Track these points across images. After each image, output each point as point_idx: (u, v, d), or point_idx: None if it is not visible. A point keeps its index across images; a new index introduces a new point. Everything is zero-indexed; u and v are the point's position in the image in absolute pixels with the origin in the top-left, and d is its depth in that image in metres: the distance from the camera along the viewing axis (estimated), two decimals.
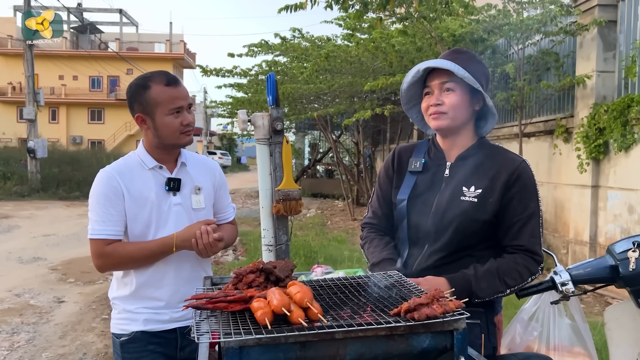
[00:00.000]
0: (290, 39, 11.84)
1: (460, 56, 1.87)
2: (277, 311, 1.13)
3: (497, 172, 1.81)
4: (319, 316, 1.13)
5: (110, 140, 41.08)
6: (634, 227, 5.96)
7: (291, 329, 1.10)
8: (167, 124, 1.98)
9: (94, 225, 2.00)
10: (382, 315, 1.19)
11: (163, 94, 1.97)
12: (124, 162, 2.09)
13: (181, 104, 1.99)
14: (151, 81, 2.00)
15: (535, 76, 7.83)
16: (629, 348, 1.95)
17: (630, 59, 6.21)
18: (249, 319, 1.20)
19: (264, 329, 1.10)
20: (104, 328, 5.26)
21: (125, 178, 2.01)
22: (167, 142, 2.02)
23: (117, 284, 2.13)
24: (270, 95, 1.68)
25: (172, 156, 2.09)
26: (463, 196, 1.81)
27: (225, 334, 1.08)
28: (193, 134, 2.05)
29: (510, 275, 1.74)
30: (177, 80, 2.04)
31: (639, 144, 5.83)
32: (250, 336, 1.06)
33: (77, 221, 13.55)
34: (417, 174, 1.93)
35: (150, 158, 2.06)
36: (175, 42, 44.53)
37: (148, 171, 2.05)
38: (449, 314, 1.15)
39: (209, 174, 2.17)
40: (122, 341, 2.05)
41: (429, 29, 7.51)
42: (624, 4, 6.43)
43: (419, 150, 2.00)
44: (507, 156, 1.87)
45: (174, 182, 2.05)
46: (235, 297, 1.23)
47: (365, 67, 9.53)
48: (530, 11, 7.57)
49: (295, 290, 1.18)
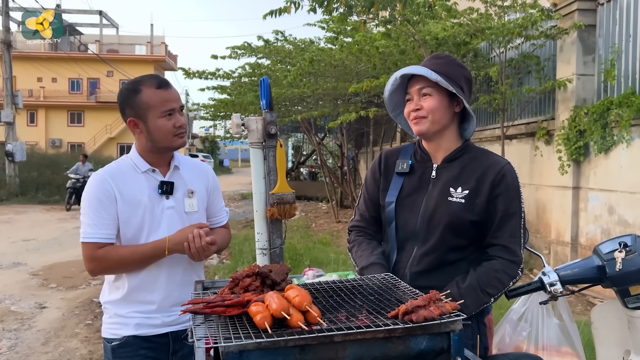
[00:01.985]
0: (274, 41, 11.83)
1: (438, 61, 1.92)
2: (277, 315, 1.13)
3: (483, 173, 1.84)
4: (318, 319, 1.14)
5: (90, 143, 40.57)
6: (614, 227, 6.07)
7: (290, 333, 1.11)
8: (159, 127, 1.98)
9: (86, 229, 1.99)
10: (379, 318, 1.20)
11: (155, 97, 1.97)
12: (117, 165, 2.09)
13: (173, 106, 1.99)
14: (142, 85, 1.99)
15: (517, 79, 7.94)
16: (615, 347, 1.99)
17: (609, 63, 6.33)
18: (247, 323, 1.20)
19: (263, 333, 1.10)
20: (88, 334, 5.20)
21: (118, 181, 2.01)
22: (160, 145, 2.02)
23: (108, 288, 2.11)
24: (264, 99, 1.68)
25: (165, 159, 2.09)
26: (450, 197, 1.84)
27: (225, 338, 1.08)
28: (185, 136, 2.05)
29: (491, 284, 1.76)
30: (167, 82, 2.04)
31: (619, 146, 5.94)
32: (250, 340, 1.06)
33: (58, 225, 13.37)
34: (404, 176, 1.96)
35: (143, 161, 2.06)
36: (157, 44, 44.22)
37: (141, 174, 2.05)
38: (446, 315, 1.17)
39: (202, 178, 2.17)
40: (114, 346, 2.04)
41: (413, 32, 7.57)
42: (602, 8, 6.55)
43: (405, 153, 2.03)
44: (492, 158, 1.91)
45: (166, 185, 2.04)
46: (233, 302, 1.23)
47: (349, 70, 9.56)
48: (511, 15, 7.68)
49: (293, 294, 1.19)
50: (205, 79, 11.44)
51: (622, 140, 5.85)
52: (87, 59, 39.05)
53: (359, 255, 1.96)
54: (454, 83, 1.86)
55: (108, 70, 39.86)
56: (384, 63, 8.97)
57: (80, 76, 41.29)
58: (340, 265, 6.66)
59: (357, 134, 15.17)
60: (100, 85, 41.99)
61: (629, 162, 5.80)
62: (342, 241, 9.82)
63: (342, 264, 6.66)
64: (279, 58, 10.94)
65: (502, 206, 1.81)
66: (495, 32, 7.21)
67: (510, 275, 1.78)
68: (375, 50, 8.35)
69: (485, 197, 1.81)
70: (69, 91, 42.52)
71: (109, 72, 40.28)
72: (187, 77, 10.84)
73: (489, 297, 1.76)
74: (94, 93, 42.21)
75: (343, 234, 10.98)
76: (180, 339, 2.08)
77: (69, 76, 41.33)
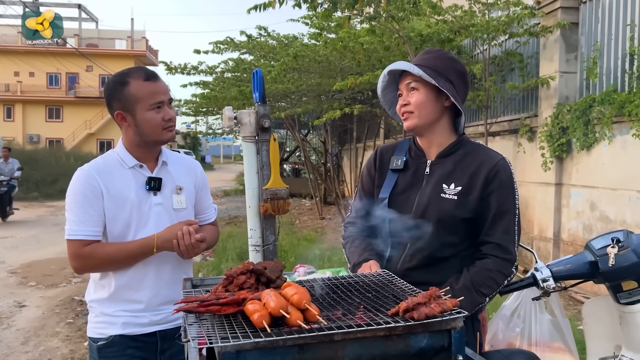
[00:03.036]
0: (257, 37, 11.73)
1: (427, 56, 1.91)
2: (275, 313, 1.10)
3: (477, 169, 1.82)
4: (318, 318, 1.11)
5: (69, 139, 39.94)
6: (595, 223, 6.14)
7: (289, 332, 1.07)
8: (148, 120, 1.93)
9: (72, 226, 1.93)
10: (379, 315, 1.17)
11: (143, 89, 1.92)
12: (103, 160, 2.02)
13: (162, 99, 1.94)
14: (129, 77, 1.93)
15: (500, 76, 7.99)
16: (605, 341, 2.00)
17: (591, 61, 6.39)
18: (242, 322, 1.17)
19: (261, 332, 1.07)
20: (69, 332, 5.10)
21: (105, 177, 1.95)
22: (148, 138, 1.96)
23: (94, 287, 2.06)
24: (257, 92, 1.65)
25: (152, 154, 2.04)
26: (443, 193, 1.82)
27: (222, 338, 1.04)
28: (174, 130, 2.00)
29: (485, 284, 1.75)
30: (155, 75, 1.98)
31: (600, 143, 6.01)
32: (248, 340, 1.03)
33: (36, 222, 13.13)
34: (398, 172, 1.94)
35: (130, 157, 2.00)
36: (137, 39, 43.62)
37: (128, 170, 1.99)
38: (447, 313, 1.15)
39: (190, 174, 2.12)
40: (100, 345, 1.98)
41: (397, 29, 7.56)
42: (585, 6, 6.61)
43: (400, 149, 2.01)
44: (486, 153, 1.90)
45: (154, 181, 1.99)
46: (228, 300, 1.19)
47: (333, 66, 9.52)
48: (494, 12, 7.72)
49: (292, 292, 1.16)
50: (188, 74, 11.30)
51: (604, 138, 5.91)
52: (66, 53, 38.38)
53: (352, 252, 1.93)
54: (442, 77, 1.83)
55: (87, 65, 39.24)
56: (368, 60, 8.96)
57: (58, 71, 40.57)
58: (325, 261, 6.64)
59: (341, 130, 15.16)
60: (80, 80, 41.33)
61: (611, 158, 5.87)
62: (326, 238, 9.80)
63: (328, 261, 6.64)
64: (263, 53, 10.85)
65: (496, 203, 1.79)
66: (479, 29, 7.24)
67: (505, 274, 1.77)
68: (360, 47, 8.33)
69: (478, 193, 1.79)
70: (47, 86, 41.74)
71: (89, 66, 39.67)
72: (168, 72, 10.68)
73: (484, 297, 1.75)
74: (73, 88, 41.52)
75: (327, 230, 10.97)
76: (168, 338, 2.04)
77: (47, 70, 40.58)
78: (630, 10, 5.84)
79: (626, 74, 5.85)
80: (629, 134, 5.52)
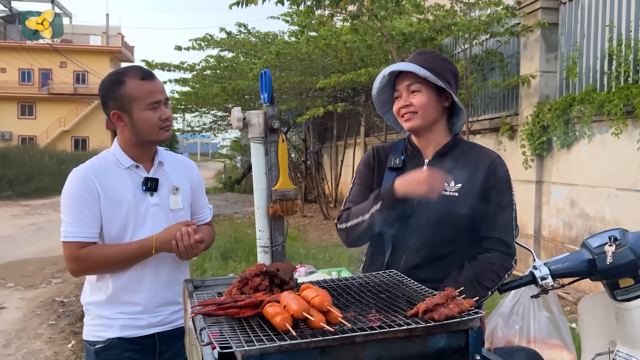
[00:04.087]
0: (236, 34, 11.66)
1: (424, 56, 1.94)
2: (298, 316, 1.10)
3: (475, 167, 1.87)
4: (340, 320, 1.11)
5: (43, 137, 39.11)
6: (575, 220, 6.27)
7: (313, 334, 1.08)
8: (145, 119, 1.91)
9: (68, 228, 1.89)
10: (397, 317, 1.18)
11: (139, 88, 1.89)
12: (98, 161, 1.99)
13: (159, 98, 1.93)
14: (125, 76, 1.91)
15: (481, 75, 8.09)
16: (600, 338, 2.05)
17: (571, 60, 6.51)
18: (258, 324, 1.17)
19: (284, 334, 1.07)
20: (52, 334, 5.01)
21: (101, 178, 1.92)
22: (145, 138, 1.94)
23: (90, 289, 2.02)
24: (265, 92, 1.64)
25: (149, 155, 2.01)
26: (444, 191, 1.84)
27: (247, 341, 1.04)
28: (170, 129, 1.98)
29: (488, 277, 1.79)
30: (152, 74, 1.97)
31: (580, 141, 6.13)
32: (273, 343, 1.03)
33: (11, 222, 12.86)
34: (396, 171, 1.95)
35: (126, 157, 1.97)
36: (113, 35, 42.90)
37: (124, 170, 1.97)
38: (465, 313, 1.16)
39: (186, 174, 2.10)
40: (97, 349, 1.96)
41: (379, 27, 7.59)
42: (564, 7, 6.73)
43: (396, 149, 2.03)
44: (482, 151, 1.95)
45: (151, 182, 1.97)
46: (246, 302, 1.19)
47: (315, 64, 9.52)
48: (475, 12, 7.81)
49: (312, 294, 1.16)
50: (169, 71, 11.19)
51: (583, 136, 6.03)
52: (39, 48, 37.51)
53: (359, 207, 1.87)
54: (442, 78, 1.88)
55: (61, 61, 38.47)
56: (350, 58, 8.99)
57: (31, 66, 39.66)
58: (310, 259, 6.64)
59: (321, 128, 15.17)
60: (53, 77, 40.49)
61: (590, 157, 5.99)
62: (309, 236, 9.80)
63: (312, 259, 6.65)
64: (245, 50, 10.79)
65: (495, 199, 1.84)
66: (461, 28, 7.31)
67: (506, 268, 1.81)
68: (342, 45, 8.34)
69: (478, 190, 1.83)
70: (20, 82, 40.78)
71: (62, 62, 38.91)
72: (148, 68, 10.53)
73: (487, 291, 1.78)
74: (47, 84, 40.66)
75: (310, 228, 10.98)
76: (167, 340, 2.03)
77: (19, 66, 39.65)
78: (609, 11, 5.97)
79: (605, 74, 5.97)
80: (608, 133, 5.64)
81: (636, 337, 1.86)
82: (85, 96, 40.84)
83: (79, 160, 9.85)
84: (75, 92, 40.97)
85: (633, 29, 5.61)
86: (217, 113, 18.02)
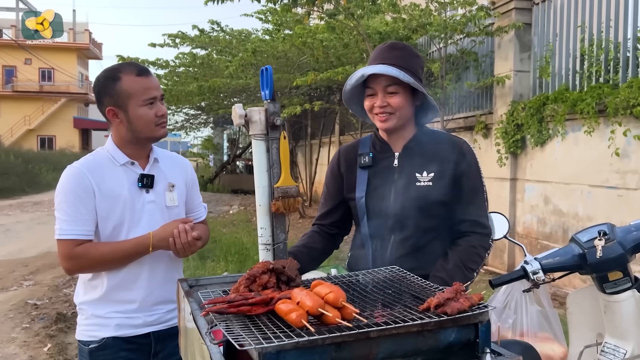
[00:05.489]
0: (209, 31, 11.54)
1: (397, 53, 1.94)
2: (314, 312, 1.09)
3: (444, 154, 1.93)
4: (355, 315, 1.11)
5: (7, 135, 37.96)
6: (549, 216, 6.41)
7: (329, 330, 1.07)
8: (141, 116, 1.89)
9: (63, 225, 1.86)
10: (408, 311, 1.19)
11: (135, 85, 1.88)
12: (93, 158, 1.97)
13: (155, 94, 1.91)
14: (121, 72, 1.90)
15: (456, 74, 8.20)
16: (587, 330, 2.10)
17: (544, 60, 6.65)
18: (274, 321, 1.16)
19: (300, 331, 1.06)
20: (26, 338, 4.88)
21: (96, 175, 1.90)
22: (141, 135, 1.93)
23: (83, 288, 1.99)
24: (267, 89, 1.63)
25: (144, 152, 2.00)
26: (418, 182, 1.90)
27: (264, 338, 1.03)
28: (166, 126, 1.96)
29: (472, 260, 1.87)
30: (147, 70, 1.96)
31: (554, 139, 6.27)
32: (290, 340, 1.02)
33: None
34: (367, 169, 1.99)
35: (121, 154, 1.95)
36: (80, 31, 41.97)
37: (119, 167, 1.95)
38: (475, 307, 1.18)
39: (181, 171, 2.09)
40: (92, 349, 1.93)
41: (355, 26, 7.62)
42: (537, 8, 6.87)
43: (363, 145, 2.06)
44: (448, 138, 2.01)
45: (147, 178, 1.95)
46: (257, 300, 1.18)
47: (291, 62, 9.51)
48: (449, 12, 7.91)
49: (326, 290, 1.15)
50: None
51: (557, 134, 6.17)
52: (3, 44, 36.56)
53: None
54: (416, 77, 1.91)
55: (26, 58, 37.47)
56: (326, 57, 9.00)
57: None
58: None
59: (296, 127, 15.15)
60: (18, 74, 39.40)
61: (564, 154, 6.13)
62: None
63: None
64: (220, 48, 10.70)
65: (468, 183, 1.92)
66: (437, 28, 7.39)
67: (485, 247, 1.91)
68: (319, 44, 8.35)
69: (450, 177, 1.90)
70: None
71: (27, 59, 37.90)
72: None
73: (473, 273, 1.86)
74: (11, 82, 39.54)
75: None
76: (162, 339, 2.00)
77: None
78: (580, 12, 6.12)
79: (577, 74, 6.12)
80: (580, 131, 5.78)
81: (624, 328, 1.91)
82: (52, 94, 39.92)
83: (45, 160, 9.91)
84: (41, 90, 39.99)
85: (604, 30, 5.76)
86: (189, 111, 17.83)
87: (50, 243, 9.85)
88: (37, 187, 20.97)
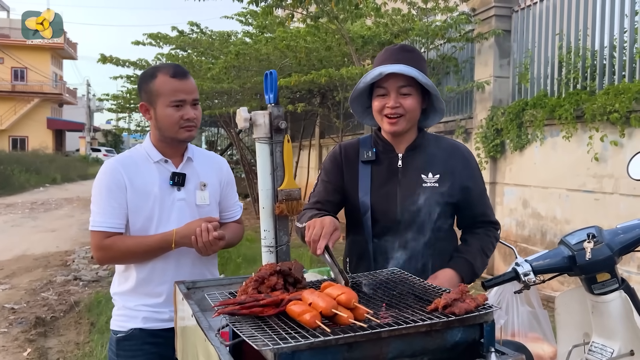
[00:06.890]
0: (189, 32, 11.47)
1: (409, 55, 1.95)
2: (327, 313, 1.12)
3: (448, 157, 1.98)
4: (367, 316, 1.14)
5: None
6: (528, 220, 6.54)
7: (343, 330, 1.10)
8: (166, 116, 1.95)
9: (95, 217, 1.95)
10: (416, 312, 1.22)
11: (166, 85, 1.94)
12: (130, 154, 2.06)
13: (183, 98, 1.95)
14: (159, 71, 1.98)
15: (436, 80, 8.30)
16: (575, 331, 2.15)
17: (523, 67, 6.80)
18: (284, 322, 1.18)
19: (316, 331, 1.08)
20: (5, 343, 4.79)
21: (129, 170, 1.97)
22: (165, 134, 1.99)
23: (118, 279, 2.08)
24: (271, 93, 1.64)
25: (177, 150, 2.05)
26: (424, 183, 1.93)
27: (281, 339, 1.05)
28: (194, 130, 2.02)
29: (488, 247, 2.01)
30: (185, 73, 2.00)
31: (532, 144, 6.41)
32: (306, 340, 1.04)
33: None
34: (370, 164, 1.99)
35: (156, 151, 2.02)
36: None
37: (153, 164, 2.01)
38: (481, 307, 1.21)
39: (215, 171, 2.13)
40: (119, 338, 2.01)
41: (339, 29, 7.66)
42: (517, 15, 7.01)
43: (364, 143, 2.05)
44: (450, 143, 2.08)
45: (178, 176, 2.01)
46: (268, 301, 1.19)
47: (274, 64, 9.50)
48: (430, 17, 8.01)
49: (337, 292, 1.18)
50: (123, 67, 10.88)
51: (535, 139, 6.30)
52: None
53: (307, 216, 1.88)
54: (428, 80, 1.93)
55: None
56: (308, 60, 9.03)
57: None
58: None
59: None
60: None
61: (542, 159, 6.27)
62: None
63: None
64: (201, 50, 10.64)
65: (475, 186, 2.01)
66: (419, 33, 7.48)
67: (497, 239, 2.07)
68: (302, 47, 8.37)
69: (457, 179, 1.95)
70: None
71: (0, 58, 37.11)
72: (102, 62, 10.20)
73: (487, 259, 1.98)
74: None
75: None
76: None
77: None
78: (559, 20, 6.27)
79: (556, 80, 6.26)
80: (559, 136, 5.92)
81: (611, 328, 1.97)
82: (25, 94, 39.14)
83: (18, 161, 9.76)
84: (13, 90, 39.16)
85: (582, 38, 5.92)
86: None
87: (26, 246, 9.66)
88: (10, 189, 20.51)
